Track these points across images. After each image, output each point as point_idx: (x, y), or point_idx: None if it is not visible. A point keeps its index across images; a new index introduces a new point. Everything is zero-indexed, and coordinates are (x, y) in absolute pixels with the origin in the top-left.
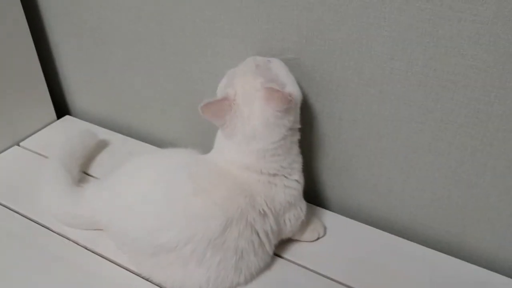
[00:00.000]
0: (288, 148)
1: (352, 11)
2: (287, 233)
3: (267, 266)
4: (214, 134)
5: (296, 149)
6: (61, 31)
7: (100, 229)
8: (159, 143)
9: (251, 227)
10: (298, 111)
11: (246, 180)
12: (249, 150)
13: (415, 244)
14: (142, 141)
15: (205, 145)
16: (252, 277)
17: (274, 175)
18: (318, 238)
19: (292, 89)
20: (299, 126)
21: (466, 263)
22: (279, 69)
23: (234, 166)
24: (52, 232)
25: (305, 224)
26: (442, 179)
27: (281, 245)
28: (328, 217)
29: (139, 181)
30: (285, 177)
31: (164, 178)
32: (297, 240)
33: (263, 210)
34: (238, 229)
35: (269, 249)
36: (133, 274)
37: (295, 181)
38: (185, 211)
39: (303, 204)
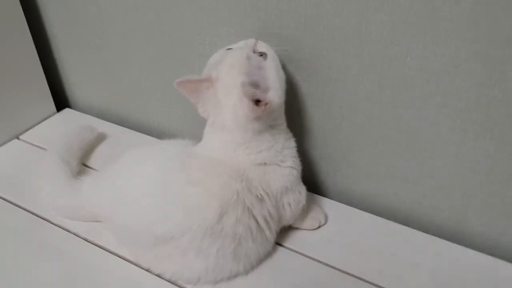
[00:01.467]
0: (270, 140)
1: None
2: (288, 219)
3: (268, 254)
4: None
5: (283, 138)
6: (59, 22)
7: (100, 221)
8: (159, 135)
9: (249, 212)
10: (278, 113)
11: (241, 164)
12: (223, 138)
13: (417, 231)
14: (142, 133)
15: None
16: (252, 265)
17: (264, 164)
18: (319, 226)
19: (272, 96)
20: (281, 125)
21: (469, 249)
22: (270, 70)
23: (223, 153)
24: (52, 225)
25: (305, 212)
26: (444, 165)
27: (282, 234)
28: (330, 205)
29: (135, 174)
30: (278, 165)
31: (159, 171)
32: (298, 229)
33: (260, 194)
34: (236, 215)
35: (269, 236)
36: (134, 266)
37: (289, 167)
38: (180, 202)
39: (302, 188)
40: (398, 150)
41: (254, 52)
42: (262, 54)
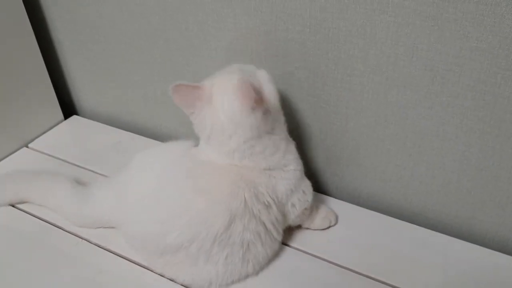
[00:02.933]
0: (271, 145)
1: None
2: (293, 218)
3: (276, 253)
4: None
5: (284, 144)
6: (64, 30)
7: (112, 227)
8: (167, 139)
9: (256, 219)
10: (276, 119)
11: (247, 171)
12: (222, 150)
13: (425, 229)
14: (150, 138)
15: None
16: (260, 265)
17: (269, 169)
18: (329, 227)
19: (268, 95)
20: (281, 133)
21: (478, 246)
22: (263, 78)
23: (228, 161)
24: (64, 231)
25: (315, 212)
26: (451, 164)
27: (290, 235)
28: (338, 205)
29: (142, 182)
30: (282, 169)
31: (164, 178)
32: (307, 229)
33: (267, 201)
34: (243, 223)
35: (277, 236)
36: (146, 270)
37: (292, 170)
38: (187, 212)
39: (306, 185)
40: (404, 150)
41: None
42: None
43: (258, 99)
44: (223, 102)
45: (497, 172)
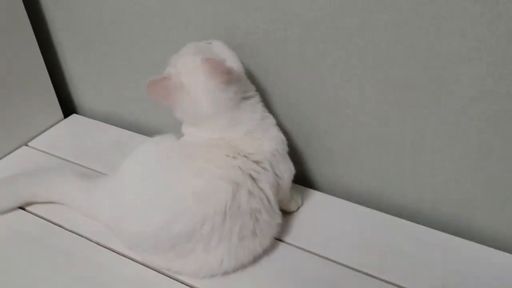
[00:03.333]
0: (247, 111)
1: None
2: (285, 188)
3: (278, 228)
4: None
5: (259, 109)
6: (64, 29)
7: None
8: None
9: (257, 183)
10: (245, 83)
11: (232, 141)
12: (208, 128)
13: (424, 227)
14: (149, 136)
15: None
16: (265, 239)
17: (250, 132)
18: (298, 208)
19: (231, 63)
20: (251, 94)
21: (477, 244)
22: (219, 48)
23: (213, 137)
24: (64, 230)
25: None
26: (450, 162)
27: (287, 230)
28: (336, 203)
29: (136, 180)
30: (264, 131)
31: (160, 169)
32: (303, 227)
33: (259, 160)
34: (247, 188)
35: (275, 205)
36: (147, 268)
37: (275, 131)
38: (191, 195)
39: (290, 162)
40: (403, 148)
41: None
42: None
43: (227, 72)
44: (196, 86)
45: (496, 170)
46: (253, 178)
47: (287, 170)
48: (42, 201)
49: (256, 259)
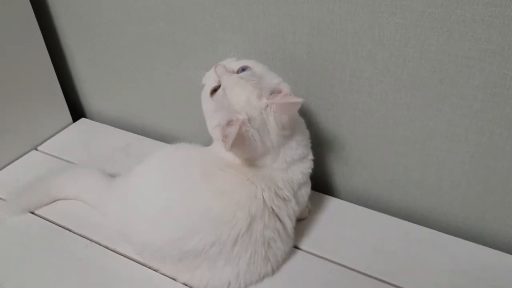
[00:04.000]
0: (297, 143)
1: (363, 0)
2: (301, 210)
3: (291, 250)
4: None
5: (306, 135)
6: (73, 34)
7: None
8: (175, 142)
9: (275, 216)
10: (296, 120)
11: (267, 172)
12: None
13: (435, 231)
14: (158, 140)
15: None
16: (278, 264)
17: (292, 162)
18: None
19: (284, 85)
20: (302, 132)
21: (487, 248)
22: (258, 68)
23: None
24: (73, 234)
25: None
26: (460, 165)
27: (301, 237)
28: (346, 207)
29: (151, 187)
30: (301, 161)
31: (177, 181)
32: (316, 233)
33: (286, 195)
34: (264, 221)
35: (291, 232)
36: (155, 272)
37: (310, 160)
38: (207, 215)
39: (309, 180)
40: (413, 151)
41: (237, 72)
42: (244, 69)
43: (296, 103)
44: (264, 128)
45: (506, 173)
46: (273, 211)
47: (305, 194)
48: (70, 198)
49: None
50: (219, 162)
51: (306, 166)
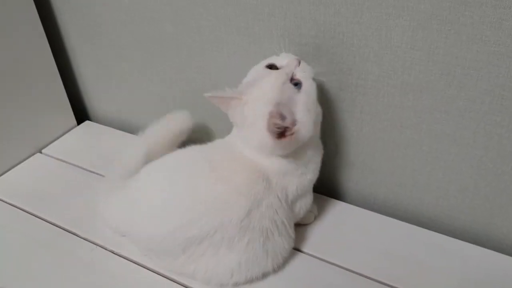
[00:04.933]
0: (294, 159)
1: (370, 2)
2: (298, 218)
3: (292, 251)
4: None
5: (310, 154)
6: (77, 36)
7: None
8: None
9: (272, 208)
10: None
11: (261, 163)
12: (249, 144)
13: (442, 235)
14: None
15: None
16: (278, 261)
17: (286, 173)
18: (315, 218)
19: (298, 130)
20: (310, 144)
21: (496, 252)
22: (300, 104)
23: (250, 153)
24: (78, 238)
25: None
26: (468, 169)
27: (304, 240)
28: (352, 211)
29: (158, 182)
30: (298, 176)
31: (183, 174)
32: (322, 237)
33: (278, 195)
34: (261, 210)
35: (290, 231)
36: (160, 277)
37: (308, 180)
38: (210, 200)
39: (311, 194)
40: (420, 154)
41: (291, 79)
42: (297, 84)
43: (288, 136)
44: (255, 125)
45: None
46: (270, 204)
47: (303, 207)
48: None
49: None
50: (230, 154)
51: (302, 183)
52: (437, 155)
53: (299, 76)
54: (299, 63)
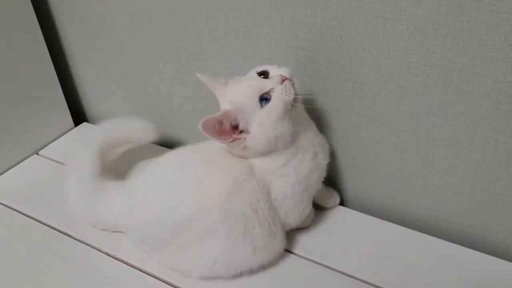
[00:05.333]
0: (268, 159)
1: (367, 6)
2: (289, 226)
3: (279, 252)
4: None
5: (285, 158)
6: (75, 38)
7: (121, 232)
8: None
9: (254, 194)
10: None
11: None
12: None
13: (438, 239)
14: (161, 146)
15: None
16: (263, 256)
17: (266, 170)
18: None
19: (251, 140)
20: (282, 149)
21: (491, 256)
22: (261, 117)
23: None
24: (73, 240)
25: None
26: (465, 173)
27: (297, 242)
28: (348, 214)
29: (152, 175)
30: (279, 177)
31: (175, 165)
32: (319, 240)
33: (260, 184)
34: (243, 194)
35: (274, 228)
36: (156, 279)
37: (290, 184)
38: (194, 184)
39: (303, 204)
40: (417, 158)
41: (266, 92)
42: (267, 100)
43: (235, 139)
44: None
45: (511, 181)
46: (253, 189)
47: (292, 216)
48: None
49: (264, 271)
50: (218, 147)
51: (286, 183)
52: (434, 159)
53: (273, 94)
54: (288, 81)
